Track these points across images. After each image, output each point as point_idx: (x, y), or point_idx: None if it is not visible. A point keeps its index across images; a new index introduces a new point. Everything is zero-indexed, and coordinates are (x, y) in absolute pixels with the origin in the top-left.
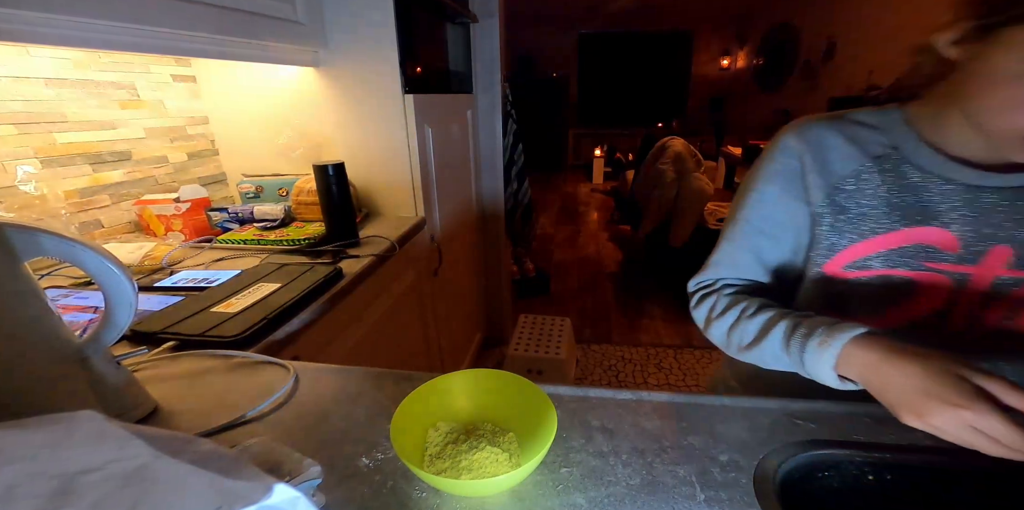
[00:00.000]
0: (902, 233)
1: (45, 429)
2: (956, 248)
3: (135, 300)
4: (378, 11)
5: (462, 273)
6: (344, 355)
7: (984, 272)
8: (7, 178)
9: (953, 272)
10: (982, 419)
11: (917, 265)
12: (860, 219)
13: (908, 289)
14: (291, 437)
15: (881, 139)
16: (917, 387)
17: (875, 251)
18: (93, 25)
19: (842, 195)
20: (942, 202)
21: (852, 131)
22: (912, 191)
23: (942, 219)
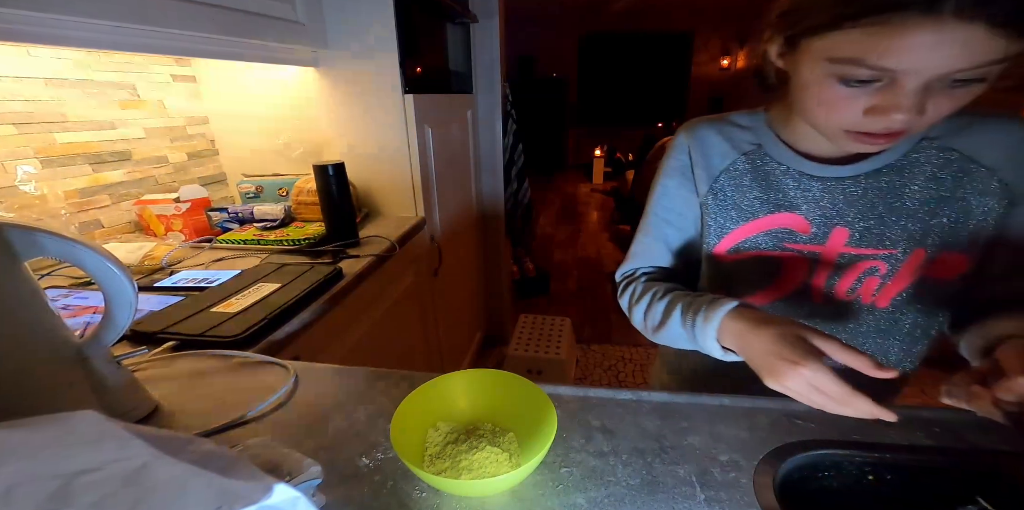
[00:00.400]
0: (767, 219)
1: (45, 429)
2: (808, 230)
3: (135, 300)
4: (378, 11)
5: (462, 273)
6: (344, 355)
7: (830, 250)
8: (7, 178)
9: (807, 251)
10: (816, 375)
11: (780, 246)
12: (735, 207)
13: (777, 267)
14: (291, 437)
15: (749, 137)
16: (770, 350)
17: (748, 235)
18: (93, 25)
19: (720, 186)
20: (795, 191)
21: (728, 131)
22: (773, 182)
23: (796, 206)
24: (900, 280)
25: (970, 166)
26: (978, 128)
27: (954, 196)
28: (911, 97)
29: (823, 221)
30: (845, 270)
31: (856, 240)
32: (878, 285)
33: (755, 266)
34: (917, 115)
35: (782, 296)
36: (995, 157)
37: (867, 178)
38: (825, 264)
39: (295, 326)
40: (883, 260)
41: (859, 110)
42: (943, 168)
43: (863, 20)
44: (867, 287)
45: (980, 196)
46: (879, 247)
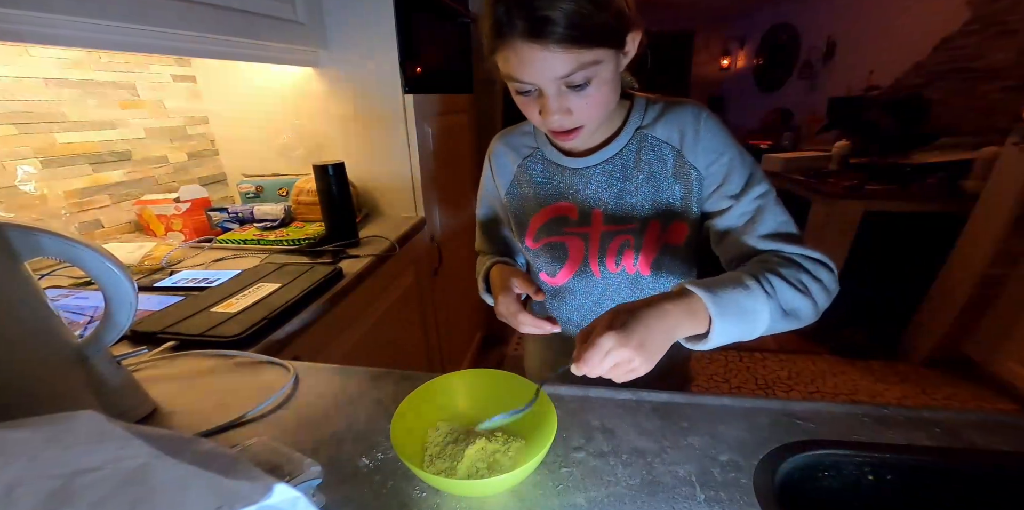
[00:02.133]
0: (548, 208)
1: (45, 429)
2: (576, 215)
3: (135, 300)
4: (378, 11)
5: (462, 273)
6: (344, 355)
7: (594, 230)
8: (7, 178)
9: (579, 233)
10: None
11: (561, 231)
12: (528, 202)
13: (563, 250)
14: (291, 437)
15: (531, 142)
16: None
17: (539, 225)
18: (93, 25)
19: (514, 187)
20: (563, 182)
21: (513, 140)
22: (548, 178)
23: (565, 195)
24: (648, 249)
25: (664, 148)
26: (667, 115)
27: (663, 174)
28: (552, 101)
29: (585, 205)
30: (608, 245)
31: (608, 219)
32: (634, 256)
33: (549, 252)
34: (566, 115)
35: (572, 274)
36: (676, 138)
37: (604, 165)
38: (593, 242)
39: (295, 326)
40: (630, 233)
41: (536, 113)
42: (650, 152)
43: (497, 48)
44: (627, 259)
45: (678, 170)
46: (624, 223)
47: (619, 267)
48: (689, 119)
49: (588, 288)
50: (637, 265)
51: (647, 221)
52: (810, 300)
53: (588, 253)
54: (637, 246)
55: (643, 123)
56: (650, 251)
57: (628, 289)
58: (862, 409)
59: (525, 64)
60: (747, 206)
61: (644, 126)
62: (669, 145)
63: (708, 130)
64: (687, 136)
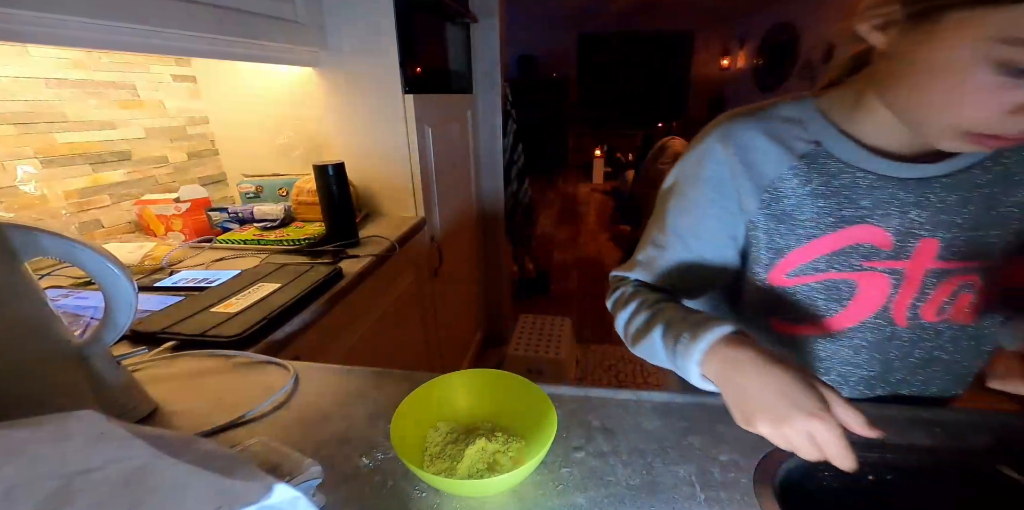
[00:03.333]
0: (838, 234)
1: (45, 429)
2: (889, 245)
3: (135, 300)
4: (378, 11)
5: (462, 273)
6: (344, 355)
7: (916, 266)
8: (7, 178)
9: (889, 269)
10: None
11: (856, 265)
12: (796, 224)
13: (851, 290)
14: (291, 437)
15: (803, 134)
16: (781, 393)
17: (816, 256)
18: (93, 25)
19: (775, 200)
20: (869, 197)
21: (776, 129)
22: (841, 189)
23: (872, 215)
24: (993, 294)
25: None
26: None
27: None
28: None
29: (906, 232)
30: (934, 288)
31: (949, 252)
32: (971, 302)
33: (821, 291)
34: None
35: (854, 324)
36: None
37: (959, 177)
38: (911, 283)
39: (295, 326)
40: (979, 273)
41: (1007, 106)
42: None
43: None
44: (959, 305)
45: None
46: (975, 259)
47: (943, 315)
48: None
49: (876, 342)
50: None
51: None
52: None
53: (895, 296)
54: (984, 289)
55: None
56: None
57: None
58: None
59: None
60: None
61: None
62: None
63: None
64: None
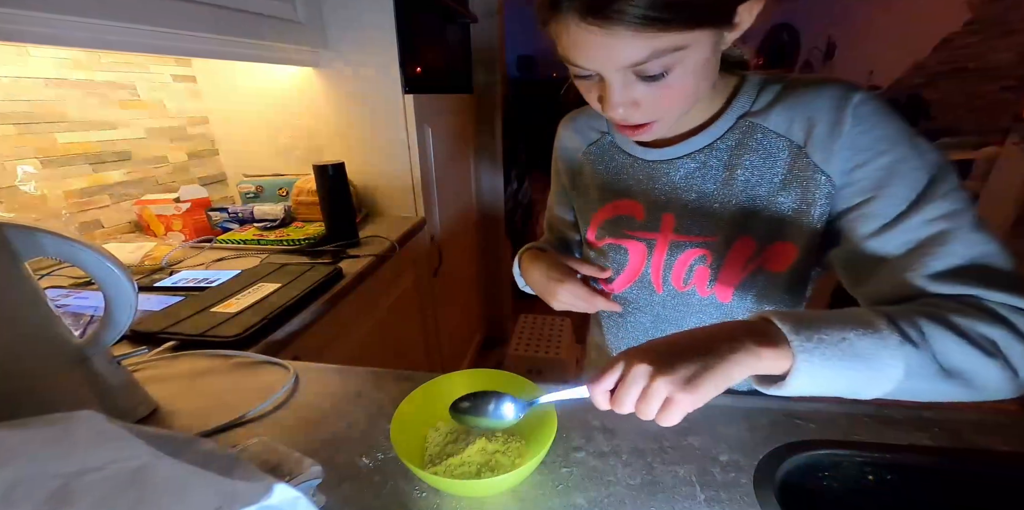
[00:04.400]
0: (612, 205)
1: (45, 429)
2: (642, 216)
3: (135, 300)
4: (378, 11)
5: (462, 273)
6: (344, 355)
7: (662, 237)
8: (7, 178)
9: (644, 238)
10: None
11: (622, 233)
12: (591, 197)
13: (623, 255)
14: (291, 437)
15: (598, 125)
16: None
17: (601, 222)
18: (93, 25)
19: (577, 177)
20: (630, 176)
21: (579, 122)
22: (615, 168)
23: (631, 191)
24: (731, 272)
25: (778, 143)
26: (790, 99)
27: (769, 178)
28: (614, 91)
29: (654, 206)
30: (675, 258)
31: (681, 227)
32: (709, 277)
33: (609, 253)
34: (631, 108)
35: (629, 283)
36: (799, 131)
37: (687, 160)
38: (658, 252)
39: (295, 326)
40: (707, 248)
41: (595, 99)
42: (756, 148)
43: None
44: (699, 277)
45: (796, 175)
46: (701, 234)
47: (688, 286)
48: (826, 105)
49: (648, 304)
50: (712, 289)
51: (734, 237)
52: (999, 363)
53: (650, 263)
54: (715, 265)
55: (752, 108)
56: (733, 274)
57: (701, 314)
58: (862, 409)
59: (580, 48)
60: (915, 232)
61: (753, 112)
62: (786, 140)
63: (859, 121)
64: (818, 129)
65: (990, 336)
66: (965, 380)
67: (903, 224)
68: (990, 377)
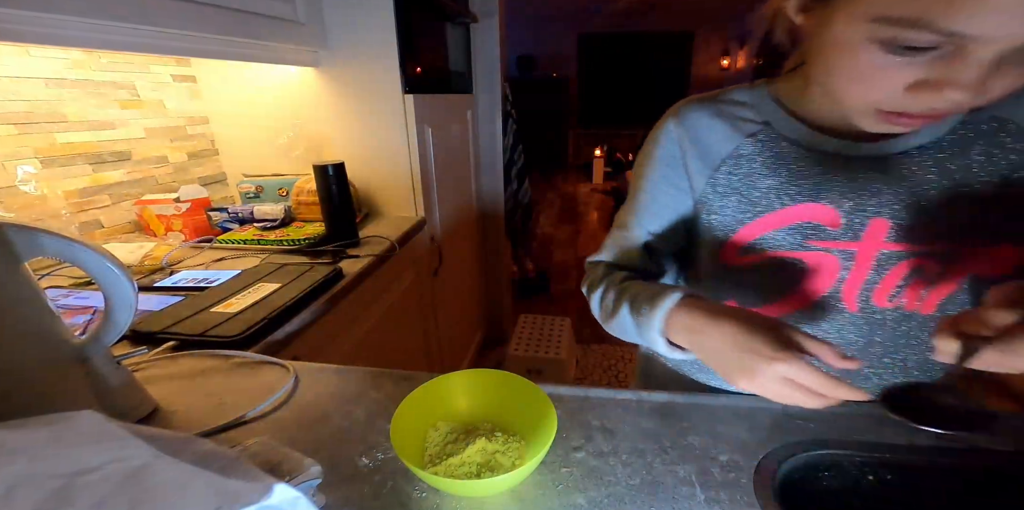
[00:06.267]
0: (785, 211)
1: (45, 429)
2: (837, 224)
3: (135, 300)
4: (378, 11)
5: (462, 273)
6: (344, 355)
7: (867, 247)
8: (7, 178)
9: (839, 249)
10: (794, 369)
11: (805, 245)
12: (745, 202)
13: (801, 271)
14: (291, 437)
15: (753, 116)
16: (735, 345)
17: (763, 233)
18: (93, 25)
19: (723, 177)
20: (816, 176)
21: (726, 110)
22: (787, 167)
23: (820, 194)
24: (951, 280)
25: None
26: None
27: (1013, 178)
28: (976, 71)
29: (857, 212)
30: (886, 271)
31: (900, 234)
32: (924, 288)
33: (771, 270)
34: (977, 94)
35: (804, 305)
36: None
37: (911, 157)
38: (861, 265)
39: (295, 326)
40: (934, 258)
41: (902, 84)
42: (998, 143)
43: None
44: (912, 291)
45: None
46: (929, 242)
47: (895, 301)
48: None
49: (833, 326)
50: (921, 302)
51: (967, 240)
52: None
53: (846, 278)
54: (938, 275)
55: None
56: (952, 282)
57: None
58: (862, 409)
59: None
60: None
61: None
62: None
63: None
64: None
65: None
66: None
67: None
68: None
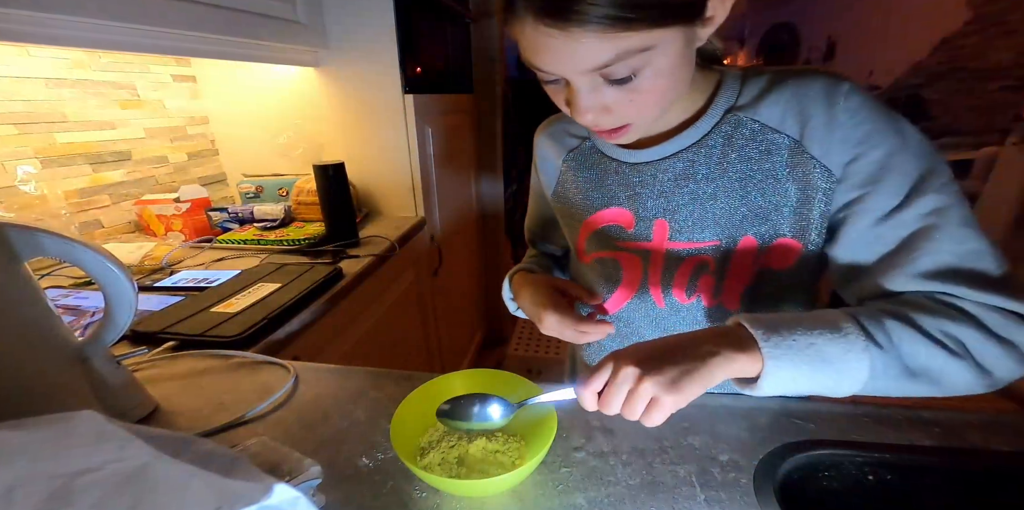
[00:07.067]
0: (599, 215)
1: (45, 429)
2: (631, 225)
3: (135, 300)
4: (378, 11)
5: (462, 273)
6: (344, 355)
7: (656, 246)
8: (7, 178)
9: (637, 249)
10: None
11: (614, 245)
12: (575, 208)
13: (615, 270)
14: (291, 437)
15: (577, 131)
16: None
17: (587, 234)
18: (93, 25)
19: (559, 187)
20: (615, 182)
21: (557, 128)
22: (599, 174)
23: (617, 198)
24: (738, 276)
25: (773, 137)
26: (779, 92)
27: (768, 172)
28: (581, 97)
29: (644, 213)
30: (676, 269)
31: (676, 233)
32: (714, 284)
33: (600, 269)
34: (601, 113)
35: (627, 300)
36: (792, 124)
37: (675, 160)
38: (655, 263)
39: (295, 326)
40: (709, 254)
41: (563, 104)
42: (749, 142)
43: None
44: (704, 287)
45: (795, 169)
46: (701, 239)
47: (692, 298)
48: (818, 96)
49: (650, 321)
50: (720, 297)
51: (735, 239)
52: (967, 363)
53: (647, 276)
54: (720, 271)
55: (738, 102)
56: (740, 278)
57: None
58: (862, 409)
59: (540, 52)
60: (906, 227)
61: (740, 106)
62: (781, 134)
63: (851, 112)
64: (814, 121)
65: (959, 337)
66: (932, 379)
67: (890, 220)
68: (957, 376)
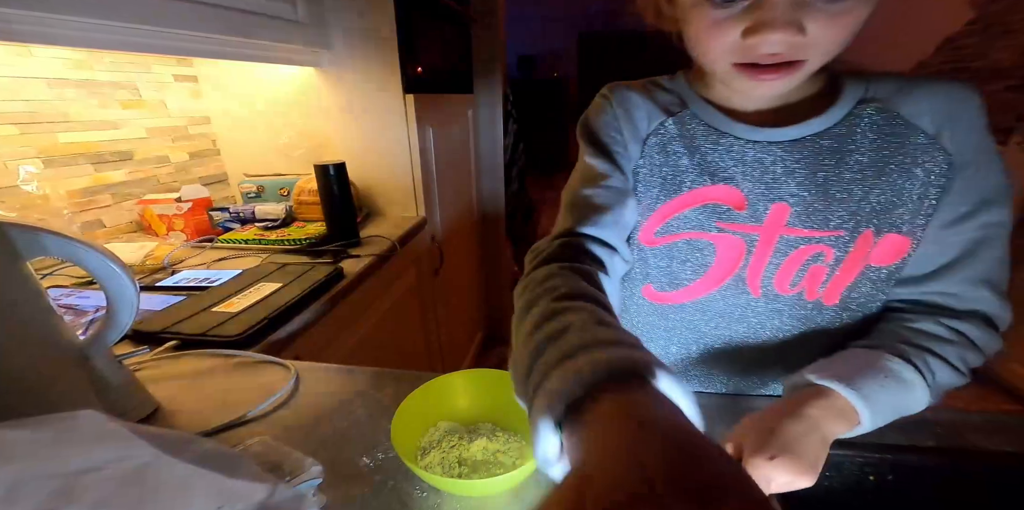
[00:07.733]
0: (697, 192)
1: (47, 429)
2: (743, 206)
3: (137, 300)
4: (378, 11)
5: (463, 273)
6: (345, 355)
7: (768, 231)
8: (9, 178)
9: (744, 232)
10: None
11: (712, 226)
12: (664, 180)
13: (710, 253)
14: (292, 437)
15: (674, 99)
16: None
17: (677, 212)
18: (94, 25)
19: (649, 152)
20: (726, 159)
21: (651, 91)
22: (701, 148)
23: (730, 176)
24: (849, 269)
25: (911, 132)
26: (920, 91)
27: (898, 166)
28: (782, 11)
29: (761, 195)
30: (785, 257)
31: (798, 219)
32: (825, 276)
33: (685, 252)
34: (796, 33)
35: (713, 289)
36: (929, 122)
37: (807, 142)
38: (763, 249)
39: (296, 326)
40: (829, 244)
41: (736, 34)
42: (886, 134)
43: None
44: (812, 278)
45: (924, 166)
46: (824, 228)
47: (795, 289)
48: (958, 101)
49: (737, 310)
50: (823, 291)
51: (859, 228)
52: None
53: (749, 262)
54: (834, 264)
55: (868, 95)
56: (850, 272)
57: (796, 321)
58: None
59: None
60: (971, 233)
61: (873, 99)
62: (919, 129)
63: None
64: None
65: (971, 362)
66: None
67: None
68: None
